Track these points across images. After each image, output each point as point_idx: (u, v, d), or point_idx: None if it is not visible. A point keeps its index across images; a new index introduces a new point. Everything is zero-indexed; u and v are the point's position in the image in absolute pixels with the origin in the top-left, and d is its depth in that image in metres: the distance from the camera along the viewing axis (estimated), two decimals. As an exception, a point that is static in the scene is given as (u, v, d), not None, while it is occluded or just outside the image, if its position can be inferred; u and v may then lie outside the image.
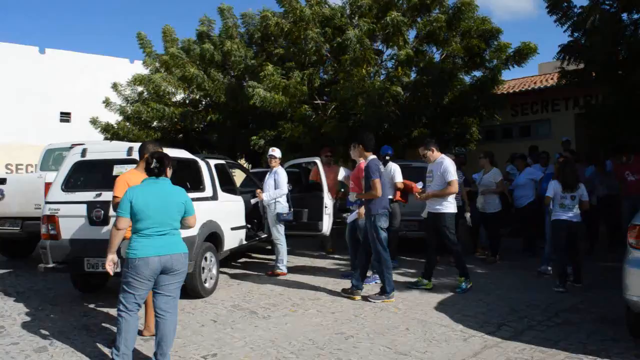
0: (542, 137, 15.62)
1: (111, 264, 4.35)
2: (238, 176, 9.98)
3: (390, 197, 7.96)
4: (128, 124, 16.81)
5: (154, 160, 4.40)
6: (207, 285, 6.89)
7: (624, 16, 9.54)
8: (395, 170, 8.09)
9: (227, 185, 8.19)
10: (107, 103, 17.56)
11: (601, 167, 9.41)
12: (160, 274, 4.27)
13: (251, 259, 10.00)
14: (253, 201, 8.52)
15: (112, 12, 77.89)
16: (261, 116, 13.78)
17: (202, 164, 7.36)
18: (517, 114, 17.03)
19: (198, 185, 7.12)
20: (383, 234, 6.49)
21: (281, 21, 12.62)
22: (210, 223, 6.95)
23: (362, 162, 6.99)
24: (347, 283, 7.04)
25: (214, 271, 7.10)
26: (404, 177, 8.13)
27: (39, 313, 6.23)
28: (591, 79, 10.68)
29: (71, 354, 4.81)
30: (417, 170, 9.48)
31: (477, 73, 13.00)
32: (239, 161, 15.91)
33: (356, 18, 12.69)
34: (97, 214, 6.09)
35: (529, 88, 16.73)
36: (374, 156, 6.71)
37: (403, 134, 12.50)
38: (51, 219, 6.28)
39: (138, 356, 4.62)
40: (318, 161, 8.99)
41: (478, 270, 8.35)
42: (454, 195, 7.06)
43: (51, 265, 6.22)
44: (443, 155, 7.21)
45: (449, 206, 6.98)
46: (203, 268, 6.77)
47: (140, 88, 17.40)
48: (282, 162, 9.17)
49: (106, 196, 6.05)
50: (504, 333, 5.23)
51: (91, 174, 6.63)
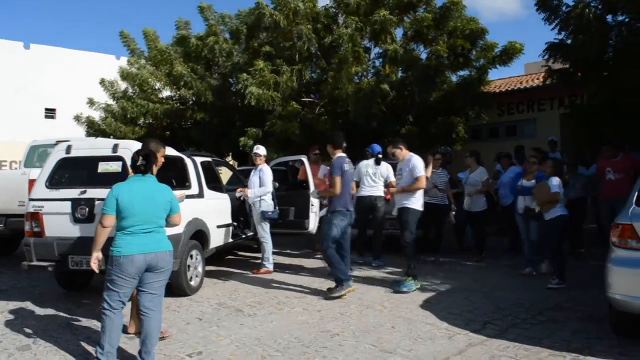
0: (528, 137, 15.71)
1: (96, 262, 4.32)
2: (224, 174, 9.92)
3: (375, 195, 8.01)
4: (114, 121, 16.67)
5: (140, 157, 4.38)
6: (193, 283, 6.86)
7: (609, 18, 9.62)
8: (389, 169, 8.29)
9: (214, 183, 8.16)
10: (92, 103, 17.45)
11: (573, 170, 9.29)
12: (144, 272, 4.24)
13: (237, 257, 9.97)
14: (238, 194, 8.47)
15: (98, 8, 77.33)
16: (248, 114, 13.77)
17: (188, 162, 7.33)
18: (504, 114, 17.12)
19: (184, 182, 7.08)
20: (334, 232, 6.59)
21: (275, 13, 12.62)
22: (196, 221, 6.92)
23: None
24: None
25: (200, 269, 7.07)
26: None
27: (23, 311, 6.18)
28: (577, 79, 10.74)
29: (55, 353, 4.77)
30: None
31: (464, 72, 13.06)
32: (226, 159, 15.86)
33: (343, 16, 12.71)
34: (82, 212, 6.04)
35: (515, 88, 16.84)
36: (343, 154, 6.83)
37: (390, 132, 12.54)
38: (35, 216, 6.22)
39: (122, 354, 4.59)
40: (305, 159, 8.98)
41: (464, 268, 8.39)
42: (423, 192, 7.19)
43: (35, 262, 6.16)
44: (411, 153, 7.31)
45: (415, 202, 7.08)
46: (189, 266, 6.74)
47: (124, 85, 17.26)
48: (272, 158, 9.14)
49: (91, 193, 6.02)
50: (489, 331, 5.26)
51: (76, 171, 6.57)
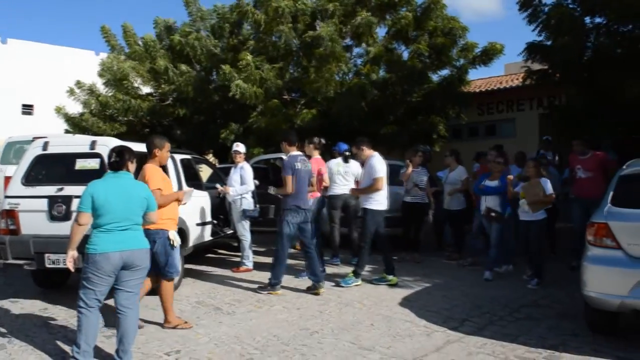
0: (507, 136, 15.85)
1: (71, 260, 4.26)
2: (205, 172, 9.87)
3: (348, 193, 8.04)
4: (93, 118, 16.45)
5: (114, 154, 4.34)
6: (172, 281, 6.80)
7: (587, 20, 9.74)
8: (360, 167, 8.24)
9: (193, 180, 8.10)
10: (72, 92, 17.17)
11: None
12: (121, 270, 4.20)
13: (217, 255, 9.93)
14: (220, 190, 8.41)
15: (78, 2, 76.28)
16: (229, 110, 13.73)
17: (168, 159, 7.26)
18: (483, 113, 17.26)
19: (163, 180, 7.02)
20: (287, 229, 6.66)
21: (256, 12, 12.59)
22: (175, 218, 6.86)
23: (315, 158, 7.63)
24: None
25: (179, 267, 7.01)
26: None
27: (-3, 310, 6.09)
28: (555, 80, 10.86)
29: (30, 352, 4.71)
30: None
31: (445, 72, 13.17)
32: (206, 156, 15.79)
33: (321, 19, 12.75)
34: (59, 209, 5.98)
35: (495, 88, 16.99)
36: (297, 152, 6.93)
37: (372, 131, 12.59)
38: (11, 214, 6.15)
39: (99, 353, 4.55)
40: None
41: (442, 267, 8.46)
42: (382, 193, 7.19)
43: (10, 261, 6.07)
44: (374, 153, 7.38)
45: (374, 203, 7.15)
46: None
47: (102, 82, 17.03)
48: (252, 155, 9.09)
49: (68, 190, 5.97)
50: (467, 328, 5.31)
51: (53, 168, 6.48)
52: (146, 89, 16.95)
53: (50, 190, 6.10)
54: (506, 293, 6.68)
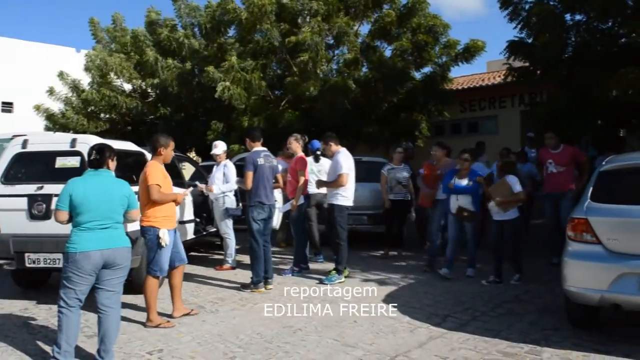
0: (490, 133, 15.97)
1: None
2: (187, 170, 9.81)
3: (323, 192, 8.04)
4: (75, 116, 16.21)
5: (94, 151, 4.30)
6: (154, 280, 6.76)
7: (567, 17, 9.81)
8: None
9: (175, 178, 8.02)
10: (52, 92, 16.97)
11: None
12: (102, 269, 4.16)
13: (200, 254, 9.88)
14: (201, 186, 8.37)
15: None
16: (211, 108, 13.67)
17: (149, 157, 7.20)
18: (466, 110, 17.39)
19: (145, 178, 6.96)
20: (255, 226, 6.74)
21: (238, 7, 12.55)
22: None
23: (299, 156, 7.73)
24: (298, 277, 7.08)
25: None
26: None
27: (-24, 310, 6.01)
28: (536, 77, 10.94)
29: (11, 352, 4.64)
30: (367, 164, 9.62)
31: (427, 69, 13.23)
32: (189, 154, 15.69)
33: (307, 18, 12.75)
34: (39, 208, 5.91)
35: (477, 85, 17.10)
36: (260, 148, 6.99)
37: (355, 129, 12.62)
38: (-10, 213, 6.05)
39: (80, 353, 4.50)
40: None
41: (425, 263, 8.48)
42: (348, 189, 7.24)
43: (-11, 260, 6.00)
44: (341, 149, 7.41)
45: (341, 199, 7.22)
46: (150, 263, 6.64)
47: (86, 78, 16.85)
48: (234, 153, 9.01)
49: (48, 189, 5.88)
50: (449, 324, 5.34)
51: (33, 166, 6.40)
52: (128, 86, 16.80)
53: (29, 188, 6.01)
54: (488, 289, 6.73)
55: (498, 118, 16.67)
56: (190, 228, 8.07)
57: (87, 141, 5.98)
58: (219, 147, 8.35)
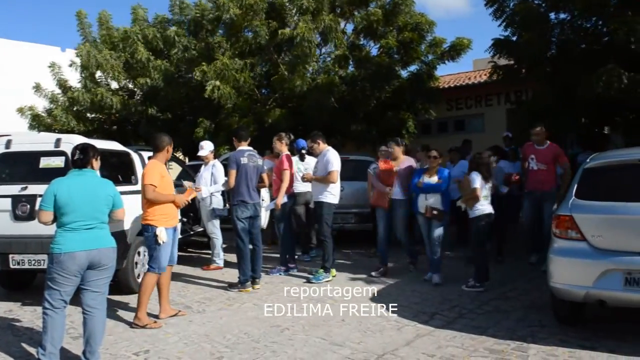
0: (476, 131, 16.04)
1: None
2: (174, 169, 9.75)
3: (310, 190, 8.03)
4: (62, 115, 15.94)
5: (77, 151, 4.26)
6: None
7: (552, 16, 9.87)
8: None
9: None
10: (38, 88, 16.72)
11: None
12: (87, 270, 4.13)
13: (187, 254, 9.84)
14: (188, 184, 8.30)
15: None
16: (198, 107, 13.61)
17: (135, 156, 7.15)
18: (452, 109, 17.44)
19: (130, 178, 6.93)
20: (240, 225, 6.76)
21: (226, 2, 12.50)
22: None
23: (285, 155, 7.73)
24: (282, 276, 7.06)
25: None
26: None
27: (-40, 313, 5.94)
28: (521, 75, 10.99)
29: (-6, 355, 4.61)
30: (355, 163, 9.62)
31: (413, 68, 13.26)
32: (176, 154, 15.57)
33: (296, 15, 12.73)
34: (23, 209, 5.86)
35: (464, 83, 17.16)
36: (245, 147, 6.99)
37: (342, 127, 12.63)
38: (-27, 214, 5.97)
39: (66, 355, 4.47)
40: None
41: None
42: (336, 186, 7.30)
43: (-27, 262, 5.92)
44: (329, 147, 7.50)
45: (329, 196, 7.27)
46: (136, 263, 6.63)
47: (74, 75, 16.60)
48: (221, 152, 8.95)
49: (32, 189, 5.83)
50: (437, 322, 5.36)
51: (16, 167, 6.36)
52: (114, 84, 16.59)
53: (13, 189, 5.96)
54: (475, 286, 6.75)
55: (484, 116, 16.75)
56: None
57: (72, 141, 5.92)
58: (206, 148, 8.30)
